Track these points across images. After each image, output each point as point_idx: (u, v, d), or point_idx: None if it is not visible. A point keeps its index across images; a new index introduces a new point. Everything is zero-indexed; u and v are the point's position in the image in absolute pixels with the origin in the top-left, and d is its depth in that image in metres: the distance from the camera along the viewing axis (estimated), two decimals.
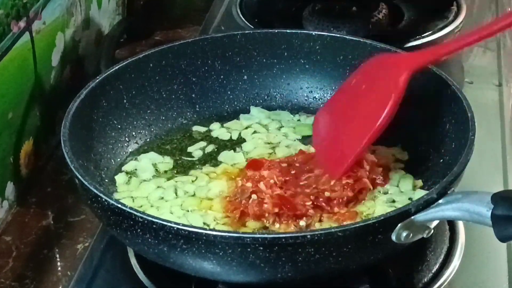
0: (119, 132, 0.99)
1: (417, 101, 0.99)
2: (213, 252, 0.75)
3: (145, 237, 0.77)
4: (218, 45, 1.06)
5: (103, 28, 1.30)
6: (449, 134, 0.93)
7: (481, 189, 0.78)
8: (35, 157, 1.08)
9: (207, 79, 1.06)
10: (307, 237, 0.74)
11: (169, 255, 0.78)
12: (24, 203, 1.05)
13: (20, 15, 1.00)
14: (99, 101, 0.96)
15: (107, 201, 0.79)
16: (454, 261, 0.89)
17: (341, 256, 0.76)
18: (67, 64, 1.16)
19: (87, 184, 0.81)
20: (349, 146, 0.91)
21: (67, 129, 0.88)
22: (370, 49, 1.03)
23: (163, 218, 0.76)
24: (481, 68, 1.26)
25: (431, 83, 0.97)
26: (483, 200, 0.75)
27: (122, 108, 1.00)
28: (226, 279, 0.81)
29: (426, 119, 0.97)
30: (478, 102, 1.14)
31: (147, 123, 1.02)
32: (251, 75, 1.07)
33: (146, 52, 1.02)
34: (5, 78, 0.98)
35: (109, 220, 0.80)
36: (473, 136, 0.86)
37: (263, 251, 0.74)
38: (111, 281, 0.89)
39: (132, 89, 1.00)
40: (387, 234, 0.77)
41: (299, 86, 1.08)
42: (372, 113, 0.90)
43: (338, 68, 1.06)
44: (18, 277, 0.94)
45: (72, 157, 0.84)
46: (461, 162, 0.83)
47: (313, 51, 1.06)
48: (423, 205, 0.78)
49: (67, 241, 0.99)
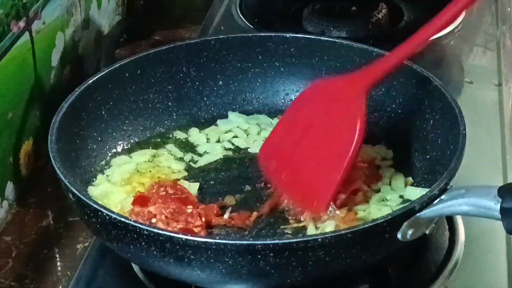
0: (100, 144, 0.98)
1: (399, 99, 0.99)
2: (222, 261, 0.74)
3: (150, 250, 0.76)
4: (192, 52, 1.05)
5: (103, 28, 1.30)
6: (434, 130, 0.94)
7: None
8: (35, 157, 1.08)
9: (183, 86, 1.05)
10: (318, 240, 0.73)
11: (175, 267, 0.77)
12: (24, 203, 1.05)
13: (19, 15, 1.00)
14: (79, 113, 0.95)
15: (109, 216, 0.77)
16: (453, 261, 0.89)
17: (349, 257, 0.76)
18: (67, 64, 1.16)
19: (85, 199, 0.79)
20: (326, 178, 0.87)
21: (54, 144, 0.86)
22: (346, 49, 1.03)
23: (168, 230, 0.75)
24: (480, 68, 1.26)
25: (411, 81, 0.97)
26: (489, 194, 0.75)
27: (101, 120, 0.98)
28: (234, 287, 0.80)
29: (409, 117, 0.98)
30: (477, 102, 1.14)
31: (125, 133, 1.01)
32: (227, 80, 1.07)
33: (121, 62, 1.01)
34: (5, 78, 0.98)
35: (110, 234, 0.79)
36: (464, 130, 0.86)
37: (273, 257, 0.73)
38: (110, 281, 0.89)
39: (109, 100, 0.99)
40: (394, 233, 0.77)
41: (275, 89, 1.07)
42: (341, 141, 0.87)
43: (314, 69, 1.05)
44: (18, 277, 0.94)
45: (64, 172, 0.83)
46: (457, 157, 0.83)
47: (288, 53, 1.06)
48: (427, 202, 0.78)
49: (66, 241, 0.99)
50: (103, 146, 0.98)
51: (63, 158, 0.85)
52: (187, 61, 1.05)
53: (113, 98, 1.00)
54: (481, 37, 1.34)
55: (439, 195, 0.79)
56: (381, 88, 1.00)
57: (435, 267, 0.88)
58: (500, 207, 0.74)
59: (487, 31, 1.36)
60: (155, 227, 0.76)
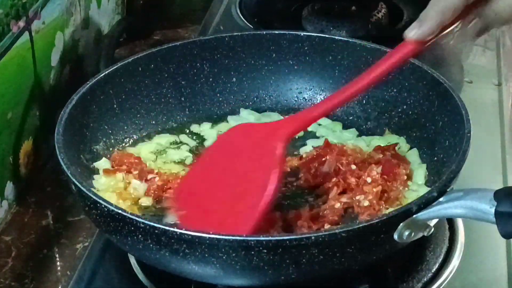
0: (110, 137, 0.98)
1: (410, 100, 0.99)
2: (216, 256, 0.74)
3: (146, 242, 0.76)
4: (206, 48, 1.05)
5: (102, 28, 1.30)
6: (442, 132, 0.93)
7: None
8: (35, 156, 1.08)
9: (196, 82, 1.06)
10: (311, 238, 0.73)
11: (171, 260, 0.77)
12: (23, 202, 1.05)
13: (19, 15, 1.00)
14: (90, 106, 0.96)
15: (107, 207, 0.78)
16: (453, 261, 0.89)
17: (344, 257, 0.76)
18: (66, 64, 1.16)
19: (85, 190, 0.80)
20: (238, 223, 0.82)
21: (61, 135, 0.87)
22: (359, 49, 1.03)
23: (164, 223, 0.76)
24: (480, 68, 1.26)
25: (422, 82, 0.97)
26: (486, 197, 0.75)
27: (112, 113, 0.99)
28: (228, 283, 0.80)
29: (419, 118, 0.98)
30: (477, 101, 1.14)
31: (137, 127, 1.02)
32: (240, 77, 1.07)
33: (134, 56, 1.01)
34: (4, 77, 0.98)
35: (109, 226, 0.80)
36: (469, 133, 0.86)
37: (267, 253, 0.74)
38: (110, 281, 0.89)
39: (121, 93, 1.00)
40: (390, 234, 0.77)
41: (288, 87, 1.08)
42: (256, 188, 0.83)
43: (327, 68, 1.06)
44: (18, 277, 0.94)
45: (67, 163, 0.83)
46: (459, 160, 0.83)
47: (301, 51, 1.06)
48: (424, 204, 0.78)
49: (66, 241, 0.99)
50: (113, 139, 0.99)
51: (68, 150, 0.86)
52: (201, 57, 1.05)
53: (126, 91, 1.00)
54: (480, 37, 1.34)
55: (437, 197, 0.78)
56: (393, 88, 1.01)
57: (434, 266, 0.88)
58: (495, 211, 0.73)
59: None
60: (151, 220, 0.76)
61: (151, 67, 1.02)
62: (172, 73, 1.04)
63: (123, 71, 1.00)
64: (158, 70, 1.03)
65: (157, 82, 1.03)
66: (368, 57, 1.01)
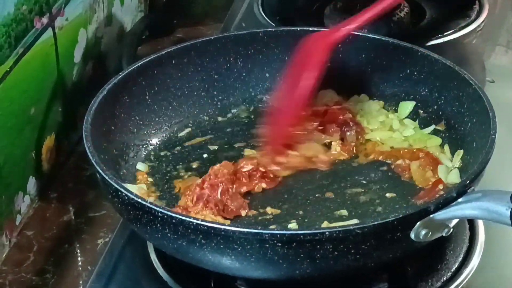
0: (141, 128, 0.99)
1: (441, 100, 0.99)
2: (231, 247, 0.75)
3: (164, 232, 0.78)
4: (240, 43, 1.06)
5: (125, 25, 1.30)
6: (470, 134, 0.93)
7: (502, 189, 0.77)
8: (57, 152, 1.09)
9: (229, 76, 1.06)
10: (326, 234, 0.74)
11: (188, 250, 0.78)
12: (45, 198, 1.06)
13: (43, 11, 1.01)
14: (121, 97, 0.97)
15: (127, 196, 0.79)
16: (473, 260, 0.88)
17: (360, 254, 0.76)
18: (89, 60, 1.17)
19: (108, 178, 0.81)
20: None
21: (89, 124, 0.88)
22: (393, 47, 1.03)
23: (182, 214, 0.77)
24: (502, 67, 1.26)
25: (453, 83, 0.97)
26: (502, 199, 0.74)
27: (144, 104, 1.00)
28: (244, 275, 0.81)
29: (449, 119, 0.98)
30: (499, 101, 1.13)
31: (168, 119, 1.02)
32: (273, 73, 1.07)
33: (168, 49, 1.02)
34: (27, 73, 0.99)
35: (130, 214, 0.81)
36: (494, 135, 0.85)
37: (281, 247, 0.74)
38: (131, 276, 0.90)
39: (154, 85, 1.01)
40: (406, 232, 0.77)
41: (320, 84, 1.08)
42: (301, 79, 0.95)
43: (360, 66, 1.05)
44: (39, 271, 0.94)
45: (93, 152, 0.85)
46: (481, 161, 0.82)
47: (334, 49, 1.05)
48: (442, 204, 0.77)
49: (87, 236, 0.99)
50: (144, 130, 0.99)
51: (94, 139, 0.87)
52: (235, 51, 1.06)
53: (158, 84, 1.01)
54: (503, 36, 1.34)
55: (457, 197, 0.78)
56: (424, 88, 1.01)
57: (454, 266, 0.88)
58: (510, 213, 0.73)
59: (510, 30, 1.36)
60: (170, 210, 0.77)
61: (185, 60, 1.03)
62: (205, 67, 1.05)
63: (156, 63, 1.01)
64: (192, 63, 1.04)
65: (190, 76, 1.04)
66: (401, 56, 1.02)
